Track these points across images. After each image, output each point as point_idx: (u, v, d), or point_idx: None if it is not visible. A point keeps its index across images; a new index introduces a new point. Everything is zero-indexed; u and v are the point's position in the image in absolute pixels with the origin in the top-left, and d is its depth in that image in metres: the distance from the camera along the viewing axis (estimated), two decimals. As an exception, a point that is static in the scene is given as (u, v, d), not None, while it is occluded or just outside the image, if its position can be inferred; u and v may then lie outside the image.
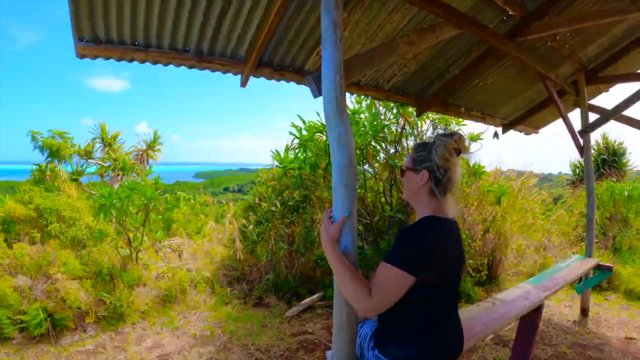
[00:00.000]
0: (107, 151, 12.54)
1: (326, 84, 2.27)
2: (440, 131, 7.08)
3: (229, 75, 3.98)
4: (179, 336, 5.73)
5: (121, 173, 11.89)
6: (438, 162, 2.06)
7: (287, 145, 6.66)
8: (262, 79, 4.11)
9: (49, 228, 8.50)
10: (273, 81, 4.17)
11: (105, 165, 12.28)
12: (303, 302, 6.44)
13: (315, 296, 6.61)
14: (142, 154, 13.36)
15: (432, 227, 2.04)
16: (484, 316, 3.53)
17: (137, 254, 7.00)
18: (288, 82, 4.20)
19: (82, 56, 3.47)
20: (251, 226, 7.28)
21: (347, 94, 4.00)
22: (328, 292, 6.63)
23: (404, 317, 2.01)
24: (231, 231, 7.87)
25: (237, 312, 6.38)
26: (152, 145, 13.56)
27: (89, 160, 12.36)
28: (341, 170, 2.19)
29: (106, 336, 5.73)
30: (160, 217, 9.03)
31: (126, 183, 7.04)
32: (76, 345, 5.50)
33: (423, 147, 2.15)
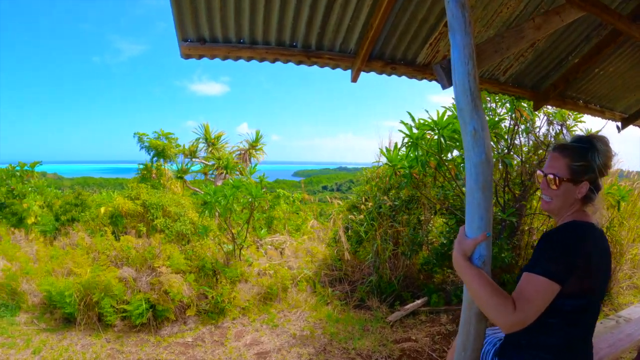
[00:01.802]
0: (211, 151, 12.98)
1: (458, 74, 2.04)
2: (558, 128, 6.55)
3: (331, 74, 3.83)
4: (279, 334, 5.70)
5: (225, 171, 12.24)
6: (602, 171, 1.89)
7: (395, 144, 6.44)
8: (361, 74, 3.90)
9: (154, 222, 8.88)
10: (371, 80, 3.96)
11: (208, 164, 12.72)
12: (406, 307, 6.17)
13: (419, 301, 6.31)
14: (244, 153, 13.68)
15: (580, 231, 1.85)
16: (609, 336, 3.17)
17: (240, 250, 7.07)
18: (399, 76, 3.97)
19: (187, 56, 3.46)
20: (356, 225, 7.12)
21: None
22: (432, 297, 6.32)
23: (541, 330, 1.84)
24: (334, 230, 7.77)
25: (338, 314, 6.24)
26: (254, 144, 13.85)
27: (193, 159, 12.86)
28: (477, 169, 1.94)
29: (206, 330, 5.83)
30: (264, 215, 9.14)
31: (231, 181, 7.12)
32: (175, 337, 5.66)
33: (581, 155, 1.91)
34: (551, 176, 1.95)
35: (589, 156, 1.88)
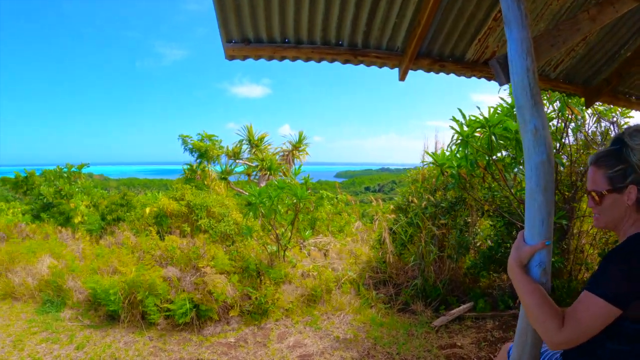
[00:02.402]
0: (254, 152, 13.08)
1: (516, 70, 1.93)
2: (607, 125, 6.29)
3: (372, 74, 3.77)
4: (322, 337, 5.64)
5: (268, 173, 12.32)
6: None
7: (442, 148, 6.30)
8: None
9: (199, 223, 9.00)
10: (411, 79, 3.85)
11: (252, 165, 12.82)
12: (452, 311, 6.01)
13: (464, 306, 6.14)
14: (288, 155, 13.74)
15: None
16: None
17: (284, 251, 7.05)
18: (447, 73, 3.87)
19: (231, 57, 3.46)
20: (401, 227, 7.00)
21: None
22: (479, 302, 6.13)
23: (598, 354, 1.69)
24: (378, 231, 7.67)
25: (382, 317, 6.13)
26: (297, 145, 13.91)
27: (237, 161, 12.99)
28: (538, 170, 1.83)
29: (248, 330, 5.83)
30: (309, 216, 9.14)
31: (275, 182, 7.13)
32: (218, 337, 5.68)
33: (615, 158, 1.73)
34: (593, 192, 1.80)
35: (623, 156, 1.70)
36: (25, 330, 5.95)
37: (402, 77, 3.71)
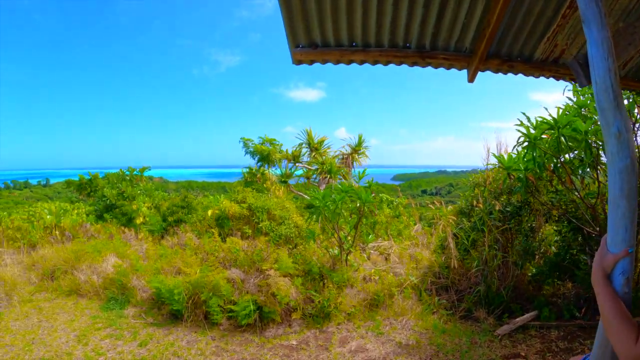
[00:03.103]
0: (314, 155, 13.14)
1: (598, 71, 1.84)
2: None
3: (429, 76, 3.71)
4: (384, 342, 5.60)
5: (328, 176, 12.36)
6: None
7: (504, 147, 6.13)
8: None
9: (260, 225, 9.11)
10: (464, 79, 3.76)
11: (311, 168, 12.89)
12: (516, 320, 5.80)
13: (528, 315, 5.92)
14: (347, 158, 13.71)
15: None
16: None
17: (346, 255, 7.04)
18: (515, 74, 3.77)
19: (298, 62, 3.50)
20: (463, 232, 6.85)
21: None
22: (543, 311, 5.91)
23: None
24: (441, 236, 7.54)
25: (444, 324, 6.03)
26: (356, 148, 13.86)
27: (297, 164, 13.11)
28: (621, 175, 1.73)
29: (310, 333, 5.85)
30: (371, 219, 9.12)
31: (339, 185, 7.12)
32: (280, 339, 5.74)
33: None
34: None
35: None
36: (90, 326, 6.23)
37: (472, 79, 3.64)
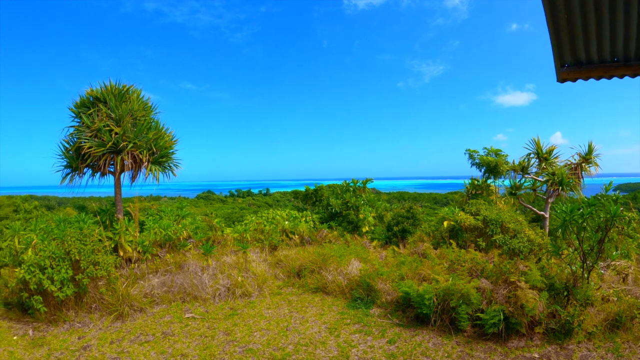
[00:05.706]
0: (543, 166, 12.62)
1: None
2: None
3: None
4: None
5: (559, 188, 11.79)
6: None
7: None
8: None
9: (493, 238, 9.12)
10: None
11: (539, 179, 12.41)
12: None
13: None
14: (576, 167, 12.78)
15: None
16: None
17: (589, 272, 6.78)
18: None
19: (563, 80, 3.61)
20: None
21: None
22: None
23: None
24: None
25: None
26: (586, 157, 12.81)
27: (525, 175, 12.72)
28: None
29: (551, 349, 5.81)
30: (623, 235, 8.58)
31: (586, 199, 6.88)
32: (522, 351, 5.80)
33: None
34: None
35: None
36: (338, 321, 7.03)
37: None
